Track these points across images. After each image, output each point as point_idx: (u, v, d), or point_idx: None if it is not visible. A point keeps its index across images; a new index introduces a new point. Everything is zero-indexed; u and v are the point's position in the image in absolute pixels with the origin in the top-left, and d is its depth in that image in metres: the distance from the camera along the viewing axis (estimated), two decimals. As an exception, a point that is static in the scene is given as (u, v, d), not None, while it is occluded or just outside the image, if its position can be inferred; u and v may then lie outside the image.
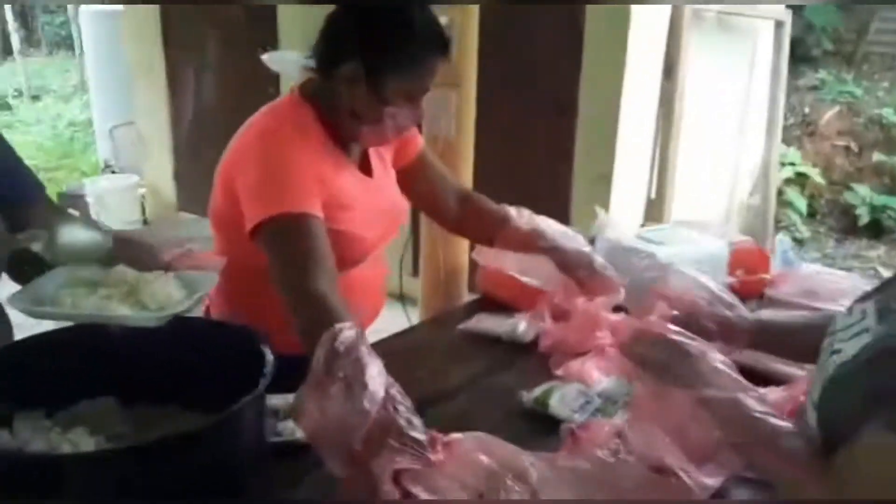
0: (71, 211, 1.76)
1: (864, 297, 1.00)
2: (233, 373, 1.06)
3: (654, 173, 3.47)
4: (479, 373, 1.62)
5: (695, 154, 3.71)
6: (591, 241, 2.01)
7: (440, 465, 1.03)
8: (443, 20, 2.00)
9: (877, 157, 5.91)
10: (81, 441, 1.05)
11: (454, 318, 1.88)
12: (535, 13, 3.22)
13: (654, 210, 3.47)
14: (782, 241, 1.98)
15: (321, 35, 1.40)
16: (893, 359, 0.86)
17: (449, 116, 1.98)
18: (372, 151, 1.57)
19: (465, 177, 2.13)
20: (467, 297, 2.16)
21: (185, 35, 4.77)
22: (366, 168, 1.55)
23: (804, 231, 5.11)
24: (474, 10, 2.00)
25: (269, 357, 1.07)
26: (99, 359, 1.19)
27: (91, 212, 5.18)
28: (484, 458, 1.04)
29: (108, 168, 6.03)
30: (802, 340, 1.19)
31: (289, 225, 1.31)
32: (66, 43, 11.75)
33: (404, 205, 1.66)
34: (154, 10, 4.81)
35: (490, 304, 1.96)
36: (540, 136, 3.40)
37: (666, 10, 3.25)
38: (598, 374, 1.53)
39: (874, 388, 0.86)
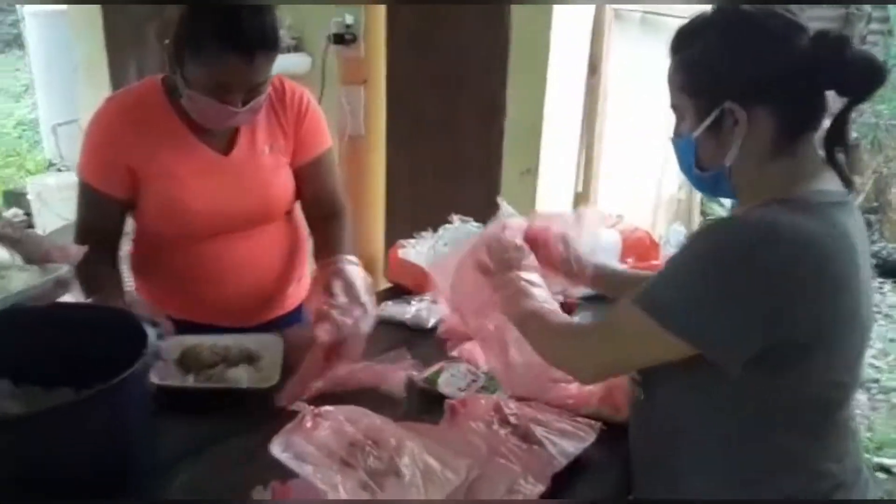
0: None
1: None
2: (125, 356, 1.11)
3: (581, 168, 3.59)
4: (380, 357, 1.71)
5: (622, 149, 3.82)
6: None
7: (311, 434, 1.12)
8: (348, 19, 2.08)
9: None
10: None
11: (364, 307, 1.96)
12: (462, 13, 3.31)
13: (581, 203, 3.58)
14: (676, 230, 2.10)
15: None
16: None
17: (357, 113, 2.05)
18: (244, 134, 1.62)
19: (377, 173, 2.21)
20: (383, 285, 2.24)
21: (126, 33, 4.78)
22: (230, 149, 1.61)
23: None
24: (381, 9, 2.07)
25: (152, 338, 1.14)
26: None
27: (33, 209, 5.17)
28: (349, 428, 1.13)
29: (52, 166, 6.00)
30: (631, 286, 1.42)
31: (80, 190, 1.60)
32: (17, 42, 11.53)
33: (276, 191, 1.67)
34: (97, 8, 4.81)
35: (399, 291, 2.05)
36: (470, 132, 3.49)
37: (589, 9, 3.36)
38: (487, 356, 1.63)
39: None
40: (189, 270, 1.66)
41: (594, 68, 3.44)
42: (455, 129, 3.52)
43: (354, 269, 1.58)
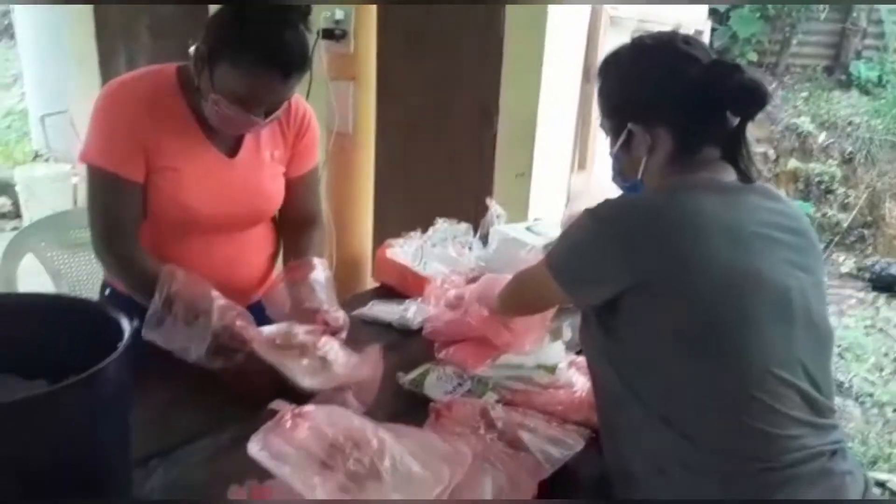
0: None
1: None
2: (101, 347, 1.08)
3: (574, 173, 3.56)
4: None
5: (616, 156, 3.80)
6: (486, 233, 2.09)
7: (290, 434, 1.09)
8: (339, 14, 2.06)
9: (792, 163, 6.21)
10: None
11: (350, 306, 1.93)
12: (456, 13, 3.29)
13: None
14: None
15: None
16: None
17: (345, 110, 2.02)
18: (249, 139, 1.63)
19: (365, 170, 2.18)
20: (370, 284, 2.22)
21: (117, 23, 4.74)
22: (235, 151, 1.62)
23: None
24: (372, 5, 2.04)
25: (126, 331, 1.10)
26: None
27: (21, 199, 5.11)
28: (329, 429, 1.10)
29: (39, 157, 5.94)
30: None
31: (99, 178, 1.51)
32: (7, 32, 11.45)
33: (272, 198, 1.71)
34: (88, -1, 4.77)
35: (386, 291, 2.02)
36: (462, 133, 3.46)
37: (584, 14, 3.33)
38: (475, 359, 1.61)
39: None
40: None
41: (588, 75, 3.41)
42: (447, 129, 3.49)
43: (323, 272, 1.66)
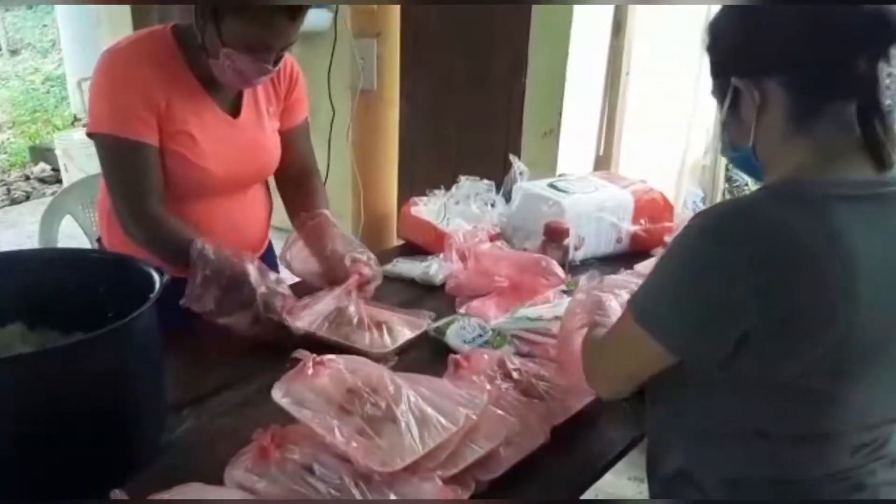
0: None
1: None
2: (133, 301, 1.13)
3: (602, 131, 3.54)
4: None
5: (646, 113, 3.76)
6: (509, 190, 2.11)
7: (311, 381, 1.14)
8: (362, -30, 2.06)
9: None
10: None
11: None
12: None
13: (602, 166, 3.54)
14: (693, 192, 2.08)
15: None
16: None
17: (369, 67, 2.04)
18: (248, 97, 1.64)
19: (391, 128, 2.20)
20: (395, 242, 2.26)
21: (149, -12, 4.77)
22: (236, 110, 1.64)
23: (757, 191, 5.07)
24: (398, -38, 2.04)
25: (157, 283, 1.16)
26: (11, 288, 1.26)
27: (60, 165, 5.23)
28: (348, 376, 1.15)
29: (78, 121, 6.05)
30: None
31: (115, 147, 1.49)
32: (45, -3, 11.57)
33: (274, 154, 1.73)
34: (120, -38, 4.80)
35: (410, 248, 2.07)
36: (489, 90, 3.46)
37: (614, -32, 3.28)
38: (495, 312, 1.65)
39: None
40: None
41: (618, 27, 3.37)
42: (473, 86, 3.49)
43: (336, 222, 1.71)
